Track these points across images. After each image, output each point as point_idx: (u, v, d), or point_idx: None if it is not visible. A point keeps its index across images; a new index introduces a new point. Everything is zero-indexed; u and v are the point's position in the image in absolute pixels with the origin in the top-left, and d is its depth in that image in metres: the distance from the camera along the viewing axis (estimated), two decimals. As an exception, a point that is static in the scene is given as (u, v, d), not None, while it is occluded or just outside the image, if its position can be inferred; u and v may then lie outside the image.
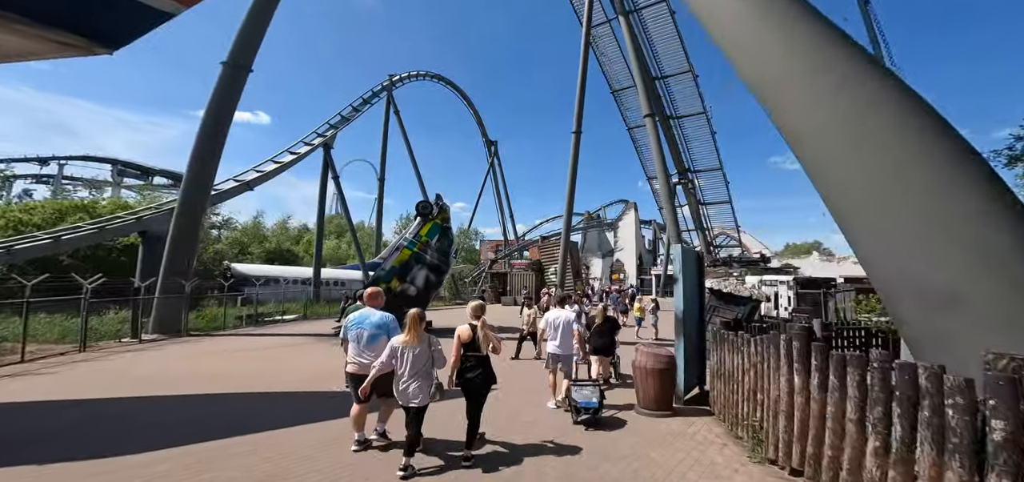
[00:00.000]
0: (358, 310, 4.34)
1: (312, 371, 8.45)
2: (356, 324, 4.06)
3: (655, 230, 46.53)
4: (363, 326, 4.03)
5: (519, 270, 30.23)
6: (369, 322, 4.04)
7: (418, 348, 3.55)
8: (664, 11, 21.68)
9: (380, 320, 4.06)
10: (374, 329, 4.00)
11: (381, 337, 3.93)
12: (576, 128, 23.04)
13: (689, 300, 5.82)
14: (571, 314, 5.62)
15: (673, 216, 20.34)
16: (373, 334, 3.98)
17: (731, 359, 4.71)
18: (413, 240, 14.99)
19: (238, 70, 16.17)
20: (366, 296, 4.44)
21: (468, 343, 3.80)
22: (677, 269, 5.97)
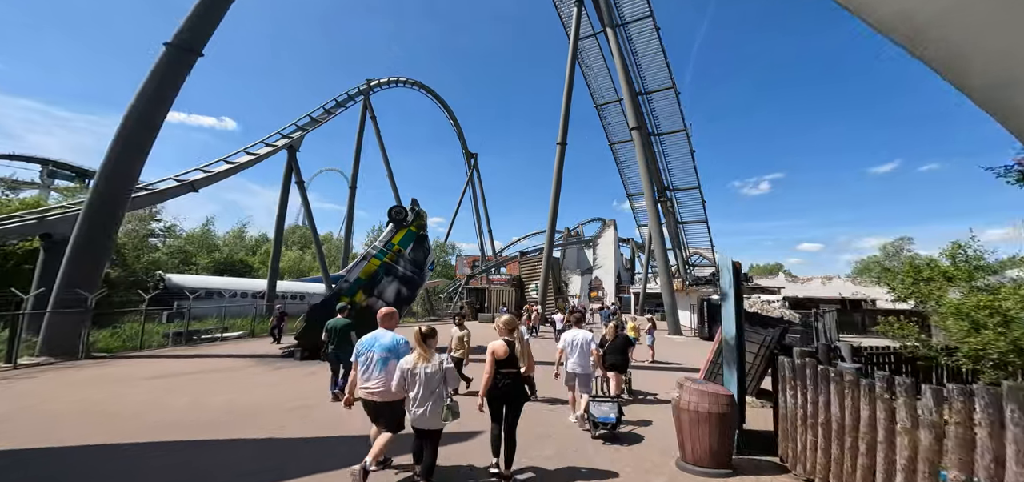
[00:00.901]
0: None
1: (234, 404, 6.35)
2: (366, 347, 3.69)
3: (633, 248, 46.43)
4: (373, 349, 3.65)
5: (498, 286, 28.50)
6: (380, 345, 3.67)
7: (430, 367, 3.28)
8: (650, 27, 21.57)
9: (391, 343, 3.67)
10: (384, 353, 3.60)
11: (391, 361, 3.54)
12: (561, 138, 22.20)
13: (738, 323, 4.48)
14: (590, 334, 5.56)
15: (659, 229, 19.56)
16: (383, 358, 3.58)
17: (841, 405, 3.26)
18: (384, 249, 13.06)
19: (184, 53, 13.80)
20: (380, 316, 3.99)
21: (504, 360, 3.62)
22: (725, 284, 4.64)
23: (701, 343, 16.71)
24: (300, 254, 35.71)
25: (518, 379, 3.67)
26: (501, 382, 3.59)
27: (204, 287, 18.59)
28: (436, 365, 3.28)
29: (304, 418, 5.79)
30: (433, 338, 3.43)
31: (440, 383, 3.29)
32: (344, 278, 12.59)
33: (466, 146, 45.25)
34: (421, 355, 3.30)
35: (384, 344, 3.66)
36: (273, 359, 11.17)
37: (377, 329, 3.86)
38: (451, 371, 3.39)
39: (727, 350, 4.53)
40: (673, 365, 12.08)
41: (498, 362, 3.59)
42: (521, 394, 3.66)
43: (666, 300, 19.37)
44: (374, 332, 3.84)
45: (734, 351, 4.44)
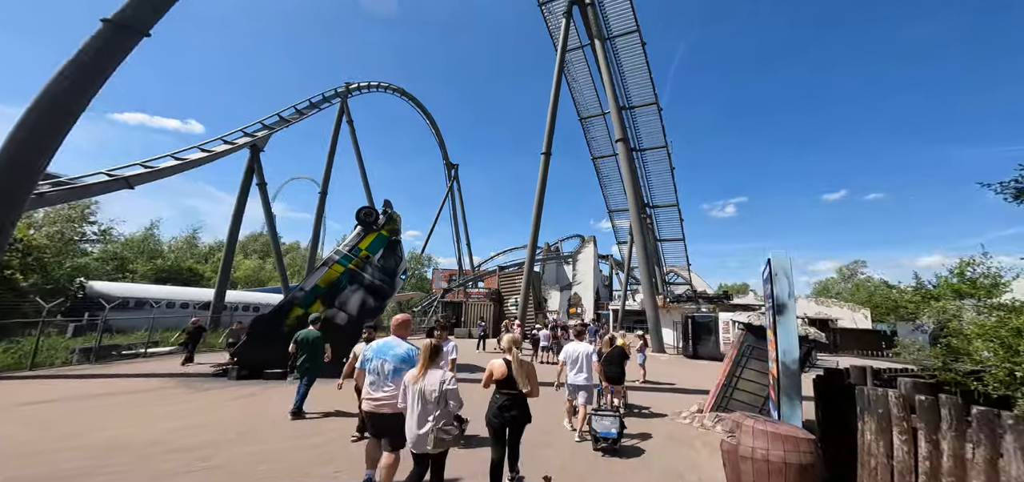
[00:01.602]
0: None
1: (119, 441, 4.57)
2: (376, 355, 3.34)
3: (612, 265, 46.10)
4: (385, 357, 3.31)
5: (476, 300, 26.92)
6: (393, 354, 3.34)
7: (429, 384, 2.92)
8: (636, 41, 21.55)
9: (405, 353, 3.36)
10: (398, 363, 3.28)
11: (404, 372, 3.16)
12: (546, 149, 21.49)
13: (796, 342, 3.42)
14: (591, 347, 5.59)
15: (643, 244, 18.91)
16: (397, 369, 3.25)
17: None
18: (349, 254, 11.41)
19: (125, 32, 11.73)
20: (394, 324, 3.60)
21: (502, 380, 3.36)
22: (782, 292, 3.54)
23: (688, 362, 15.90)
24: (260, 263, 32.53)
25: (518, 400, 3.35)
26: (499, 402, 3.32)
27: (133, 296, 15.95)
28: (435, 384, 2.92)
29: (207, 465, 4.16)
30: (439, 354, 3.11)
31: (439, 404, 2.92)
32: (300, 287, 10.80)
33: (447, 156, 44.03)
34: (423, 370, 2.98)
35: (398, 354, 3.35)
36: (201, 379, 9.16)
37: (388, 337, 3.53)
38: (453, 392, 2.98)
39: (787, 378, 3.43)
40: (664, 385, 11.04)
41: (497, 383, 3.36)
42: (522, 416, 3.36)
43: (650, 316, 18.56)
44: (384, 339, 3.52)
45: (796, 379, 3.36)
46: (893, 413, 2.84)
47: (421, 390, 2.91)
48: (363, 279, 11.38)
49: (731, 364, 6.78)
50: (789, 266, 3.59)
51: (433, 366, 3.03)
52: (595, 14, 20.91)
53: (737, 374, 6.75)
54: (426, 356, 3.00)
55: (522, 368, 3.35)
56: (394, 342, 3.46)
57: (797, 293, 17.99)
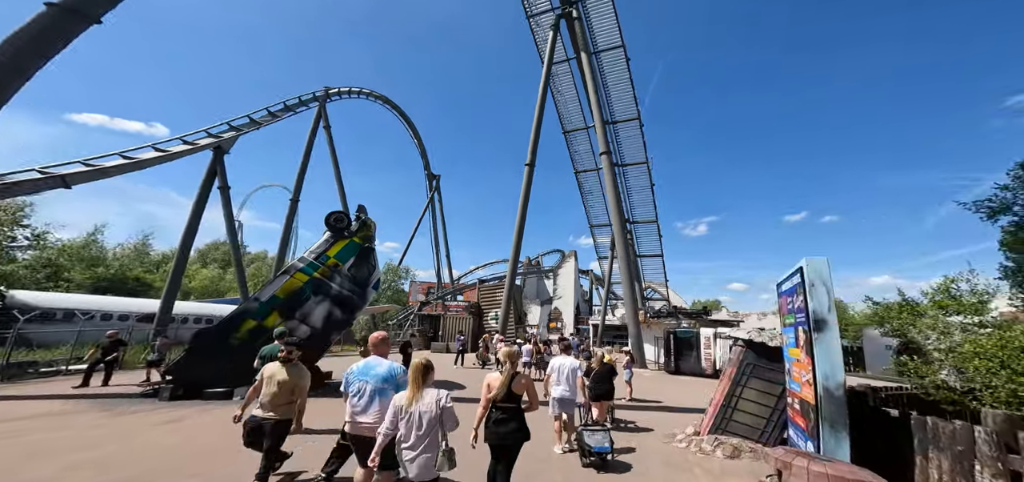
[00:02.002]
0: None
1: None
2: (359, 376, 3.11)
3: (592, 280, 46.03)
4: (367, 378, 3.08)
5: (455, 313, 25.77)
6: (375, 374, 3.10)
7: (423, 407, 2.73)
8: (620, 57, 21.82)
9: (388, 372, 3.12)
10: (380, 383, 3.06)
11: (389, 393, 3.01)
12: (530, 160, 21.09)
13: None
14: (577, 362, 5.56)
15: (627, 257, 18.62)
16: (380, 389, 3.04)
17: None
18: (314, 261, 10.33)
19: (71, 16, 10.36)
20: (373, 341, 3.27)
21: (499, 394, 3.19)
22: (822, 306, 2.94)
23: (670, 378, 15.46)
24: (220, 273, 29.93)
25: (517, 415, 3.21)
26: (495, 417, 3.17)
27: (61, 306, 13.94)
28: (431, 404, 2.75)
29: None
30: (431, 373, 2.90)
31: (436, 426, 2.74)
32: (255, 297, 9.58)
33: (429, 166, 43.08)
34: (415, 391, 2.78)
35: (379, 374, 3.13)
36: (123, 401, 7.74)
37: (368, 357, 3.27)
38: (449, 412, 2.81)
39: (833, 406, 2.83)
40: (651, 403, 10.46)
41: (493, 397, 3.22)
42: (520, 432, 3.17)
43: (632, 332, 18.13)
44: (365, 360, 3.26)
45: (842, 407, 2.77)
46: (982, 452, 2.28)
47: (416, 413, 2.69)
48: (330, 289, 10.28)
49: (730, 383, 6.26)
50: (828, 272, 3.04)
51: (426, 386, 2.81)
52: (582, 28, 21.07)
53: (737, 394, 6.23)
54: (419, 377, 2.79)
55: (520, 381, 3.18)
56: (375, 361, 3.21)
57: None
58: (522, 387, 3.18)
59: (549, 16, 22.45)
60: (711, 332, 15.71)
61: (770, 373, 6.39)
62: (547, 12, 22.48)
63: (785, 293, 3.49)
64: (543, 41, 23.22)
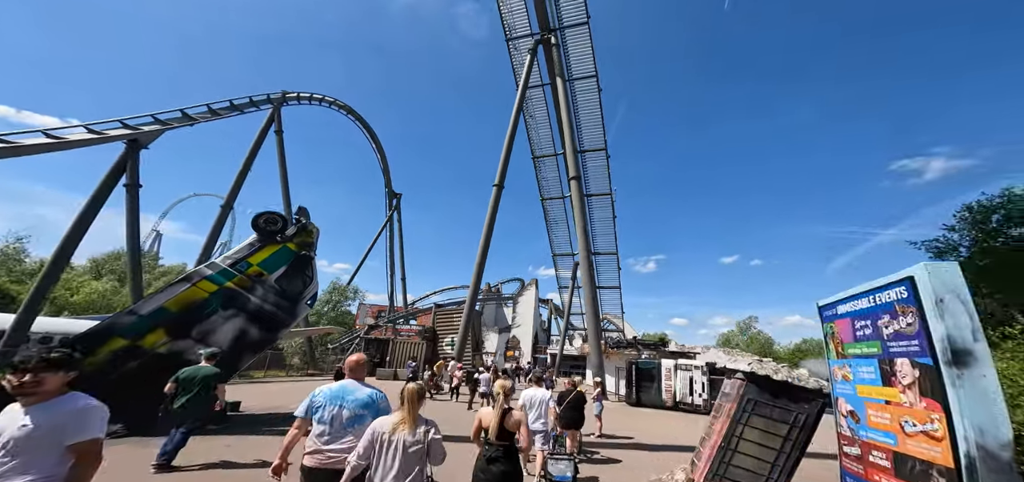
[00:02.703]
0: None
1: None
2: (329, 399, 2.64)
3: (551, 310, 45.20)
4: (343, 403, 2.63)
5: (406, 337, 23.22)
6: (353, 399, 2.67)
7: (411, 436, 2.35)
8: (593, 86, 22.18)
9: (368, 398, 2.70)
10: (359, 409, 2.63)
11: (367, 420, 2.57)
12: (499, 181, 20.16)
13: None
14: (548, 393, 5.44)
15: (592, 284, 17.92)
16: (357, 416, 2.61)
17: None
18: (230, 269, 8.17)
19: None
20: (350, 365, 2.88)
21: (490, 430, 2.95)
22: (960, 328, 1.97)
23: (633, 410, 14.53)
24: (117, 286, 24.48)
25: (510, 453, 2.89)
26: (488, 455, 2.87)
27: None
28: (420, 436, 2.37)
29: None
30: (423, 401, 2.52)
31: (421, 460, 2.36)
32: (130, 310, 7.15)
33: (390, 183, 40.63)
34: (404, 419, 2.40)
35: (359, 399, 2.67)
36: None
37: (343, 380, 2.82)
38: (437, 444, 2.42)
39: (994, 472, 1.80)
40: (622, 438, 9.31)
41: (485, 432, 2.97)
42: (514, 472, 2.84)
43: (594, 361, 17.17)
44: (339, 383, 2.79)
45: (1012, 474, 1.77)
46: None
47: (399, 443, 2.32)
48: (247, 303, 8.10)
49: (729, 421, 5.27)
50: (963, 285, 2.09)
51: (416, 415, 2.43)
52: (558, 55, 21.26)
53: (737, 434, 5.25)
54: (414, 401, 2.44)
55: (512, 418, 2.97)
56: (352, 385, 2.79)
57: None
58: (515, 424, 2.93)
59: (528, 41, 22.53)
60: (672, 363, 15.20)
61: (774, 410, 5.50)
62: (526, 37, 22.54)
63: (851, 316, 2.65)
64: (520, 64, 23.13)
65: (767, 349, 43.70)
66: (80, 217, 16.94)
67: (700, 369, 14.31)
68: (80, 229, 16.65)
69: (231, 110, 24.06)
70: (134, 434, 6.34)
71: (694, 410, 14.12)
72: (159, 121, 20.03)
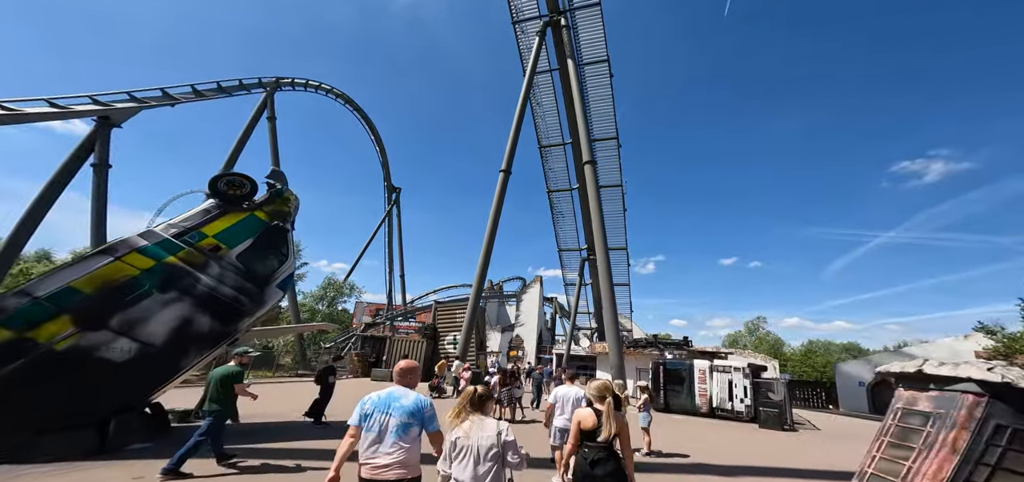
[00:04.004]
0: None
1: None
2: (376, 407, 2.46)
3: (556, 308, 43.14)
4: (389, 411, 2.44)
5: (404, 334, 21.15)
6: (399, 406, 2.46)
7: (484, 438, 2.24)
8: (604, 71, 20.38)
9: (415, 405, 2.48)
10: (405, 417, 2.43)
11: (414, 428, 2.43)
12: (505, 166, 18.22)
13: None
14: (581, 391, 4.57)
15: (609, 275, 15.95)
16: (404, 424, 2.41)
17: None
18: (172, 240, 6.15)
19: None
20: (399, 370, 2.65)
21: (589, 432, 2.76)
22: None
23: (664, 418, 12.51)
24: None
25: (614, 455, 2.69)
26: (591, 457, 2.66)
27: None
28: (492, 436, 2.25)
29: None
30: (490, 401, 2.47)
31: (498, 461, 2.24)
32: (23, 290, 5.07)
33: (389, 177, 38.62)
34: (473, 420, 2.32)
35: (405, 406, 2.45)
36: None
37: (393, 387, 2.57)
38: (512, 444, 2.28)
39: None
40: (677, 456, 7.34)
41: (584, 433, 2.77)
42: (619, 476, 2.63)
43: (613, 362, 15.13)
44: (388, 390, 2.55)
45: None
46: None
47: (475, 447, 2.22)
48: (194, 284, 6.06)
49: (957, 459, 3.15)
50: None
51: (482, 414, 2.37)
52: (569, 37, 19.41)
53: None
54: (473, 404, 2.39)
55: (616, 421, 2.70)
56: (399, 392, 2.55)
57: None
58: (613, 426, 2.68)
59: (536, 23, 20.68)
60: (706, 365, 13.21)
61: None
62: (534, 19, 20.69)
63: None
64: (527, 49, 21.26)
65: (776, 351, 41.89)
66: (39, 198, 14.84)
67: (741, 371, 12.34)
68: (38, 213, 14.56)
69: (219, 92, 21.98)
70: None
71: (734, 418, 12.15)
72: (135, 99, 17.94)
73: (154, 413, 6.26)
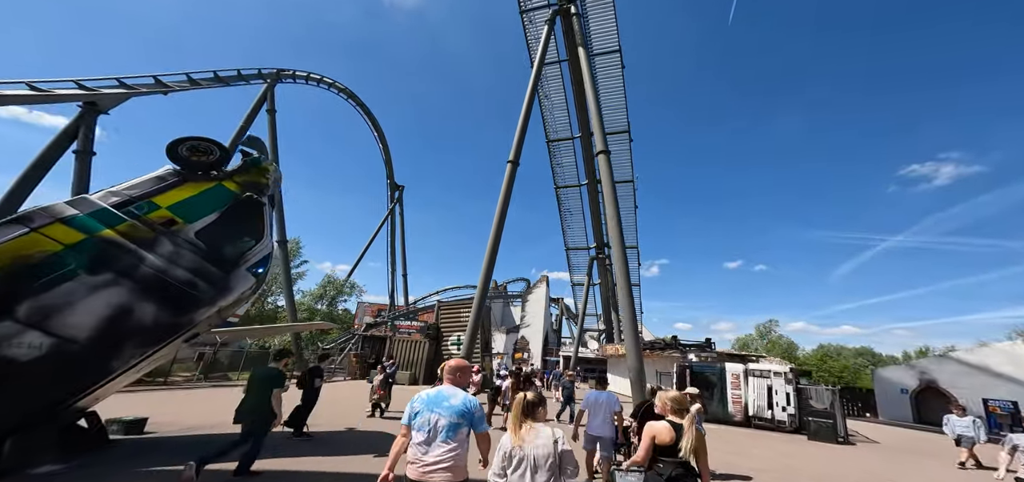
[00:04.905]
0: None
1: None
2: (426, 406, 2.41)
3: (562, 310, 41.74)
4: (439, 409, 2.37)
5: (406, 334, 19.85)
6: (448, 406, 2.39)
7: (539, 447, 2.13)
8: (616, 62, 19.17)
9: (463, 406, 2.40)
10: (455, 417, 2.36)
11: (463, 430, 2.36)
12: (513, 157, 17.00)
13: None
14: (614, 396, 4.90)
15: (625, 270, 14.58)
16: (454, 425, 2.34)
17: None
18: (113, 209, 4.82)
19: None
20: (450, 369, 2.59)
21: (666, 447, 2.54)
22: None
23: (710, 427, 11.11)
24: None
25: (689, 475, 2.48)
26: (669, 473, 2.47)
27: None
28: (548, 444, 2.13)
29: None
30: (542, 407, 2.35)
31: (554, 471, 2.12)
32: None
33: (392, 175, 37.44)
34: (528, 429, 2.20)
35: (454, 407, 2.38)
36: None
37: (440, 385, 2.52)
38: (569, 454, 2.18)
39: None
40: (739, 478, 6.00)
41: (659, 448, 2.56)
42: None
43: (633, 365, 13.72)
44: (437, 388, 2.49)
45: None
46: None
47: (531, 456, 2.10)
48: (137, 266, 4.76)
49: None
50: None
51: (536, 421, 2.26)
52: (580, 24, 18.24)
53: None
54: (530, 410, 2.28)
55: (696, 436, 2.50)
56: (449, 392, 2.48)
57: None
58: (699, 442, 2.52)
59: (544, 12, 19.53)
60: (741, 369, 11.77)
61: None
62: (543, 7, 19.53)
63: None
64: (535, 40, 20.11)
65: (790, 355, 40.14)
66: (17, 184, 13.72)
67: (783, 376, 10.89)
68: (18, 196, 13.42)
69: (215, 82, 20.77)
70: None
71: (774, 427, 10.70)
72: (125, 85, 16.76)
73: (89, 426, 4.98)
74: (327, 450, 5.53)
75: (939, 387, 16.95)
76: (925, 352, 36.96)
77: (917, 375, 18.26)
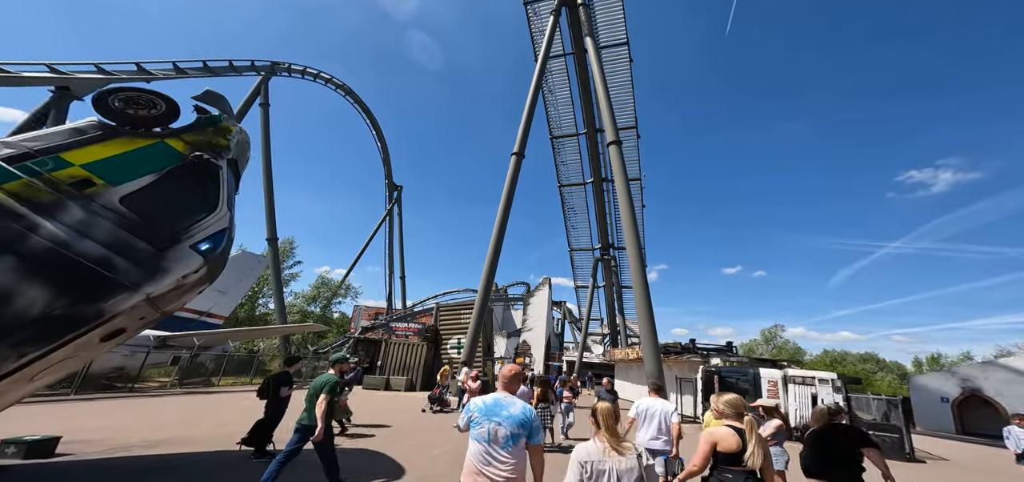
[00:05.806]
0: None
1: None
2: (487, 415, 2.23)
3: (565, 314, 40.29)
4: (498, 418, 2.20)
5: (403, 338, 18.44)
6: (508, 416, 2.22)
7: (624, 464, 1.98)
8: (623, 55, 18.16)
9: (523, 416, 2.24)
10: (515, 427, 2.19)
11: (522, 439, 2.20)
12: (518, 149, 15.86)
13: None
14: (671, 405, 4.31)
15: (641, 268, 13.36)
16: (513, 435, 2.17)
17: None
18: (4, 165, 3.44)
19: None
20: (504, 376, 2.46)
21: (729, 455, 2.28)
22: None
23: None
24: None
25: None
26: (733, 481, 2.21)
27: None
28: (633, 460, 1.99)
29: None
30: (618, 417, 2.23)
31: None
32: None
33: (390, 175, 36.25)
34: (611, 444, 2.04)
35: (514, 416, 2.22)
36: None
37: (496, 393, 2.34)
38: (652, 471, 2.08)
39: None
40: None
41: (720, 456, 2.30)
42: None
43: (651, 370, 12.45)
44: (494, 396, 2.32)
45: None
46: None
47: (614, 472, 1.97)
48: (28, 235, 3.35)
49: None
50: None
51: (620, 437, 2.10)
52: (587, 15, 17.23)
53: None
54: (609, 424, 2.11)
55: (761, 444, 2.24)
56: (507, 400, 2.31)
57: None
58: (759, 449, 2.24)
59: (549, 3, 18.53)
60: (780, 374, 10.44)
61: None
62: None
63: None
64: (539, 33, 19.09)
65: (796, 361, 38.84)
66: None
67: (829, 384, 9.56)
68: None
69: (204, 72, 19.55)
70: None
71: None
72: (103, 71, 15.49)
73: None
74: (288, 476, 4.20)
75: (984, 395, 15.69)
76: (968, 356, 35.56)
77: (959, 383, 16.96)
